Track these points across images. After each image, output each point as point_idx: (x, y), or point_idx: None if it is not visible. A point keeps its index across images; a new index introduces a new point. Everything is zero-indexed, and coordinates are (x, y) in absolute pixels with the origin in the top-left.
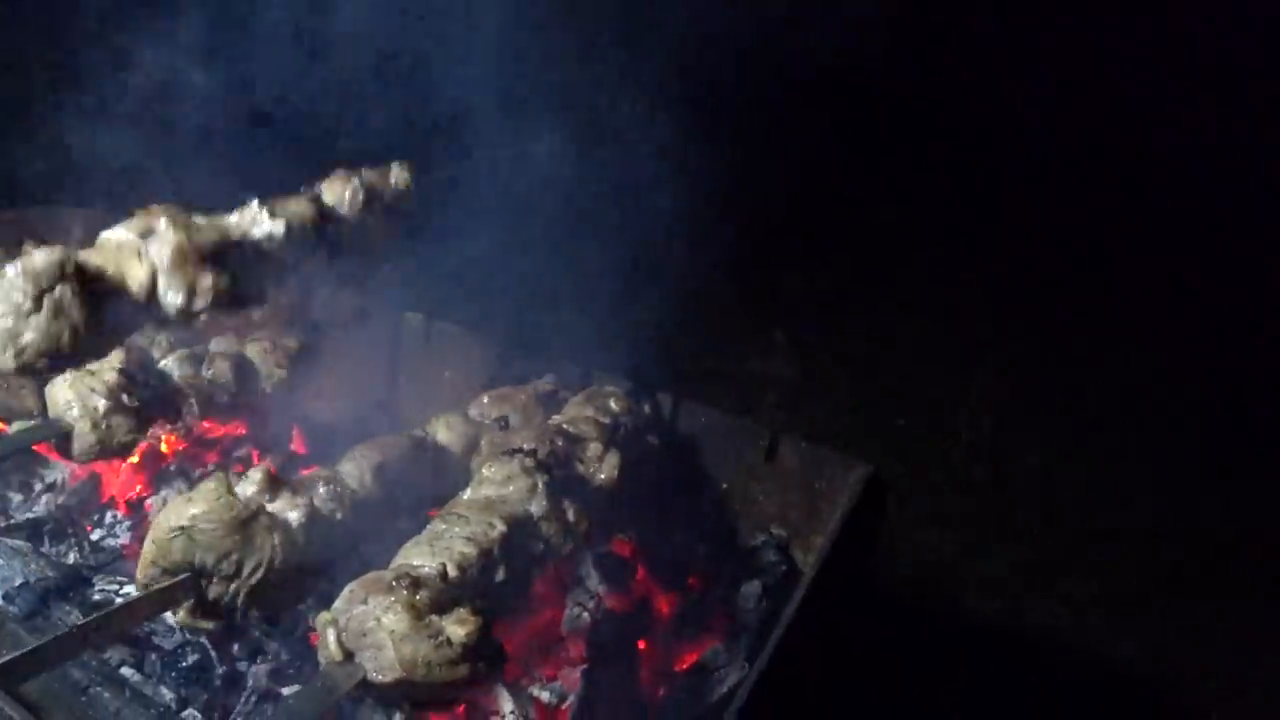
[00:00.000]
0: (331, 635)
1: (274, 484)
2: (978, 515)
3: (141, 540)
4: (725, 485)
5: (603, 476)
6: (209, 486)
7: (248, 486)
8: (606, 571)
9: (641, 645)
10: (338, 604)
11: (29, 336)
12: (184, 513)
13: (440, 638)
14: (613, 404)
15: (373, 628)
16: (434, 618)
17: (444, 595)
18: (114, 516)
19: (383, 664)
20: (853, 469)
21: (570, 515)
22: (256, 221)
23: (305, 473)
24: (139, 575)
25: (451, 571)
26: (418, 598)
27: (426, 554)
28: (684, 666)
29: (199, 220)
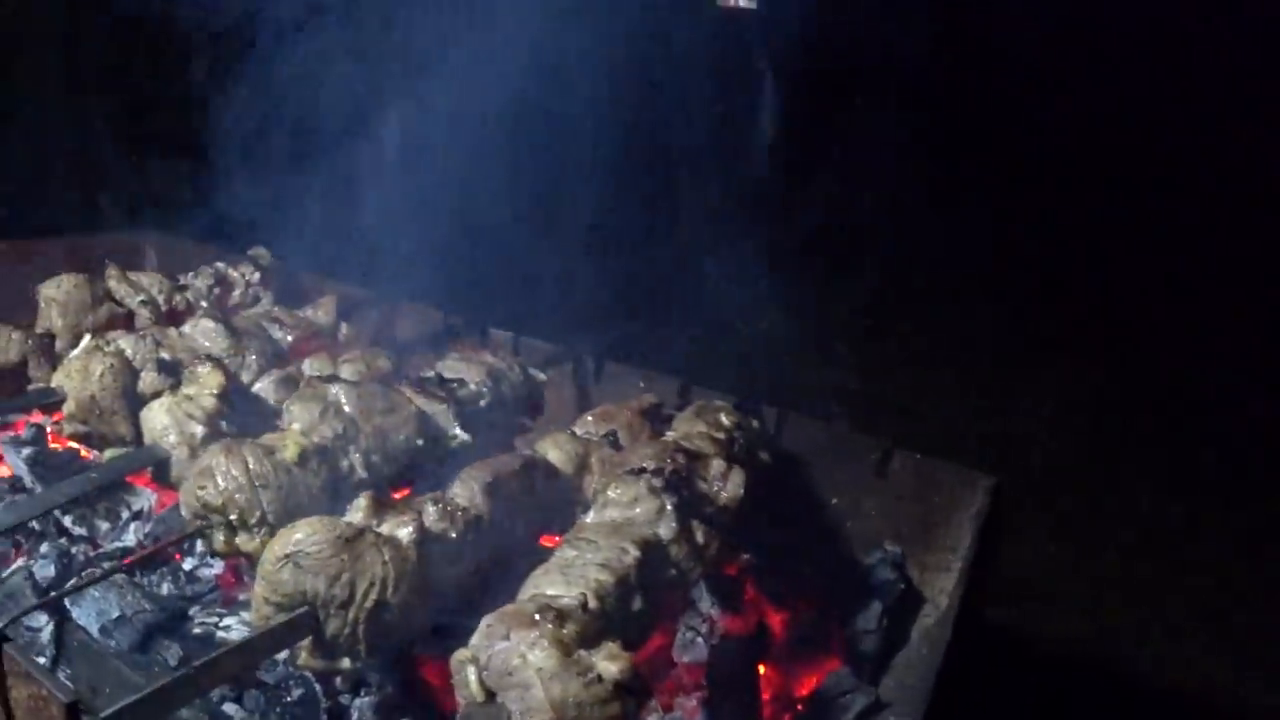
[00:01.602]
0: (472, 674)
1: (380, 507)
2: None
3: (234, 570)
4: (834, 500)
5: (726, 495)
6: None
7: (354, 514)
8: (719, 593)
9: (760, 669)
10: (475, 639)
11: None
12: (288, 540)
13: (591, 675)
14: (724, 419)
15: (518, 665)
16: (582, 653)
17: (588, 628)
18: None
19: (530, 704)
20: (971, 481)
21: (699, 537)
22: None
23: (399, 495)
24: (254, 618)
25: (591, 602)
26: (564, 632)
27: (560, 583)
28: (805, 692)
29: None
